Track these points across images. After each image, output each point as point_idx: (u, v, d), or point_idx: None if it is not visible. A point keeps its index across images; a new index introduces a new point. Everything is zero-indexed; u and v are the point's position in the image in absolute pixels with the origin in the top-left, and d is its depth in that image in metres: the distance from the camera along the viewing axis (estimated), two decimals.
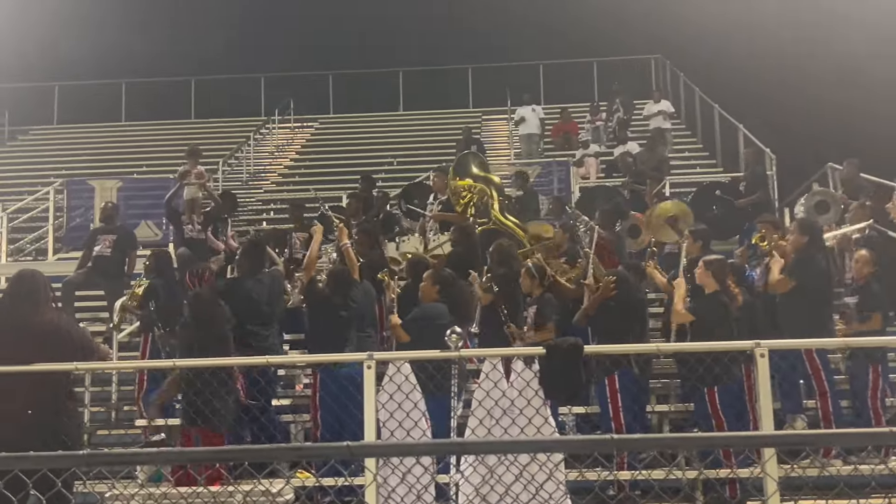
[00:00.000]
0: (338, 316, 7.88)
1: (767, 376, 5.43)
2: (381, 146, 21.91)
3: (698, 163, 19.63)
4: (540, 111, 20.53)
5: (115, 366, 8.54)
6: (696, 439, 3.92)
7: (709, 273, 7.73)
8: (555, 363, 5.84)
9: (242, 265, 8.58)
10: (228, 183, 19.23)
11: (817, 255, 8.04)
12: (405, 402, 5.91)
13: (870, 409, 7.72)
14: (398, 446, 4.04)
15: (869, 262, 8.16)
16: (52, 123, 25.65)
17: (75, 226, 16.47)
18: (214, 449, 3.87)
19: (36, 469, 3.75)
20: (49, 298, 6.20)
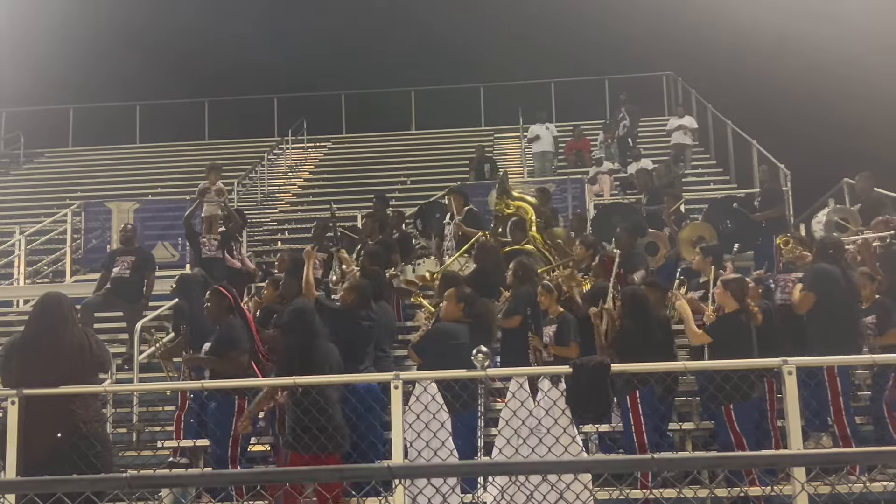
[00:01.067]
0: (360, 327, 7.85)
1: (795, 394, 5.43)
2: (394, 165, 21.99)
3: (712, 179, 19.62)
4: (553, 129, 20.60)
5: (143, 388, 8.58)
6: (738, 458, 3.91)
7: (728, 293, 7.72)
8: (581, 382, 5.86)
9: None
10: (243, 203, 19.31)
11: (828, 265, 8.04)
12: (432, 422, 5.93)
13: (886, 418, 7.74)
14: (437, 468, 4.04)
15: (866, 281, 8.16)
16: (67, 146, 25.82)
17: (92, 247, 16.56)
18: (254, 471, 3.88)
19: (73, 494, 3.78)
20: (74, 320, 6.27)
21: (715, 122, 20.83)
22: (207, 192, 12.33)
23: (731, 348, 7.23)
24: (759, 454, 4.65)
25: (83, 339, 6.11)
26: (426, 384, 6.01)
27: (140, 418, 10.00)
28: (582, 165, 19.86)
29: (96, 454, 5.77)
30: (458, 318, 7.71)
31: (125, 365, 11.34)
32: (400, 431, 5.58)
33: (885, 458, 3.55)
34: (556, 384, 6.02)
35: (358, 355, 7.66)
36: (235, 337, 7.61)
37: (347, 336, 7.75)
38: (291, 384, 5.96)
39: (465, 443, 6.61)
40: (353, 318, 7.89)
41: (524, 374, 6.35)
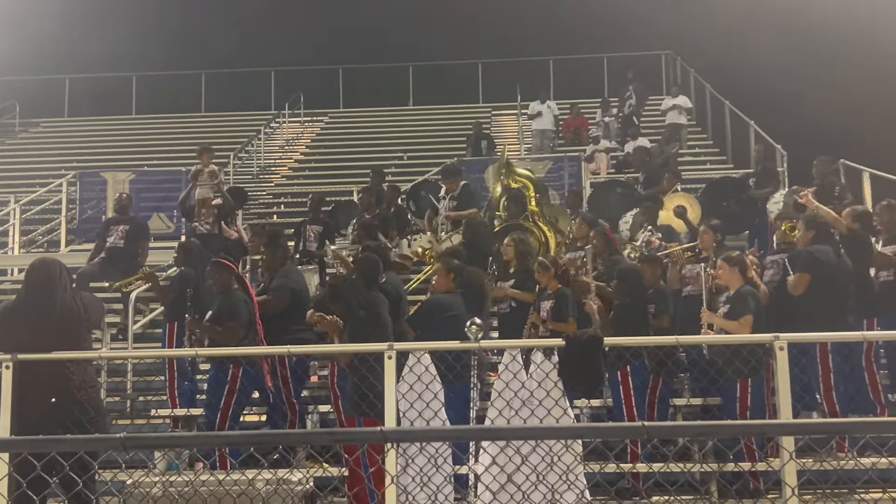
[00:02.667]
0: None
1: (787, 369, 5.47)
2: (391, 141, 21.95)
3: (709, 159, 19.63)
4: (554, 107, 20.56)
5: (139, 354, 8.60)
6: (727, 426, 3.95)
7: (734, 270, 7.72)
8: (574, 355, 5.88)
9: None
10: (239, 177, 19.31)
11: (823, 247, 8.08)
12: (425, 393, 5.96)
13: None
14: (430, 432, 4.08)
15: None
16: (62, 116, 25.72)
17: (87, 217, 16.55)
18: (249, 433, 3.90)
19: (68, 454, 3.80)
20: (65, 284, 6.24)
21: (713, 102, 20.81)
22: (200, 174, 12.39)
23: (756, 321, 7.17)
24: (747, 423, 4.69)
25: (74, 304, 6.11)
26: (419, 355, 6.03)
27: (134, 387, 10.05)
28: (579, 143, 19.84)
29: (90, 420, 5.77)
30: (451, 290, 7.73)
31: (119, 335, 11.38)
32: (393, 401, 5.61)
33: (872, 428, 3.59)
34: (548, 357, 6.04)
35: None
36: (236, 309, 7.72)
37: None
38: (286, 352, 5.97)
39: (458, 414, 6.65)
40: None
41: (517, 346, 6.38)
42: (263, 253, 9.19)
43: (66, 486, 5.18)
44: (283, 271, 8.75)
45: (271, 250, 8.94)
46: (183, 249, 9.97)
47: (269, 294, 8.44)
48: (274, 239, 9.14)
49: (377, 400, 5.56)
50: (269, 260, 8.93)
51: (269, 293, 8.46)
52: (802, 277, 8.00)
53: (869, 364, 8.01)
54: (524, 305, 8.81)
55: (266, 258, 9.01)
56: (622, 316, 8.10)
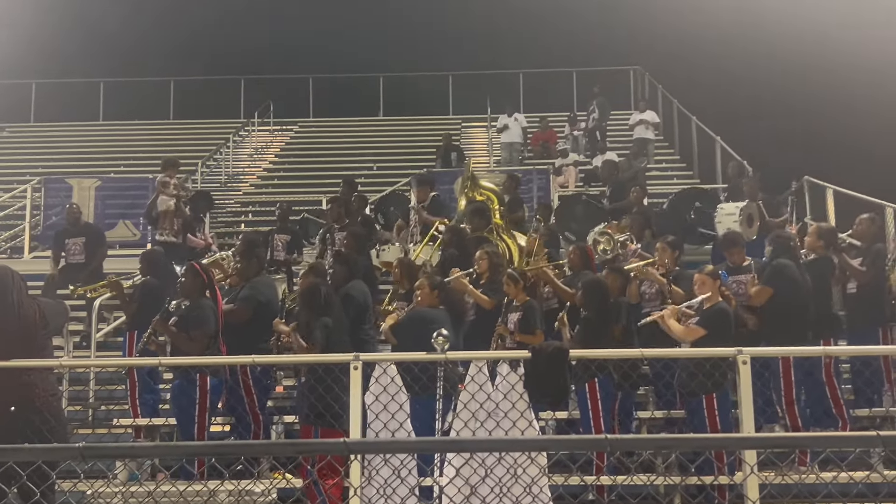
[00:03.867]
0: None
1: (749, 383, 5.53)
2: (361, 151, 21.94)
3: (675, 174, 19.82)
4: (522, 120, 20.68)
5: (101, 363, 8.50)
6: (690, 440, 3.97)
7: (716, 283, 7.78)
8: (539, 367, 5.90)
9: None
10: (207, 185, 19.17)
11: (786, 261, 8.18)
12: (391, 404, 5.94)
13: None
14: (393, 443, 4.06)
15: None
16: (29, 121, 25.44)
17: (52, 224, 16.32)
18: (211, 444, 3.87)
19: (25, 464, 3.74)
20: (19, 289, 6.11)
21: (680, 117, 21.03)
22: (167, 186, 12.34)
23: (724, 339, 7.18)
24: (709, 436, 4.73)
25: (30, 311, 6.00)
26: (385, 366, 6.02)
27: (96, 396, 9.92)
28: (548, 156, 19.96)
29: (50, 429, 5.67)
30: (434, 305, 7.75)
31: (83, 342, 11.25)
32: (358, 411, 5.60)
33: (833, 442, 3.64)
34: (514, 369, 6.06)
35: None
36: (203, 317, 7.63)
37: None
38: (250, 363, 5.93)
39: (424, 426, 6.63)
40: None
41: (483, 357, 6.38)
42: (238, 261, 9.12)
43: (24, 497, 5.10)
44: (254, 282, 8.69)
45: (246, 259, 8.89)
46: (146, 258, 9.86)
47: (236, 304, 8.38)
48: (250, 247, 9.08)
49: (342, 411, 5.55)
50: (243, 268, 8.87)
51: (236, 303, 8.41)
52: (764, 290, 8.09)
53: (829, 379, 8.10)
54: (489, 316, 8.81)
55: (240, 266, 8.96)
56: (587, 328, 8.11)
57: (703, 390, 7.20)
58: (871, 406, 8.36)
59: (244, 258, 8.90)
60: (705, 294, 7.75)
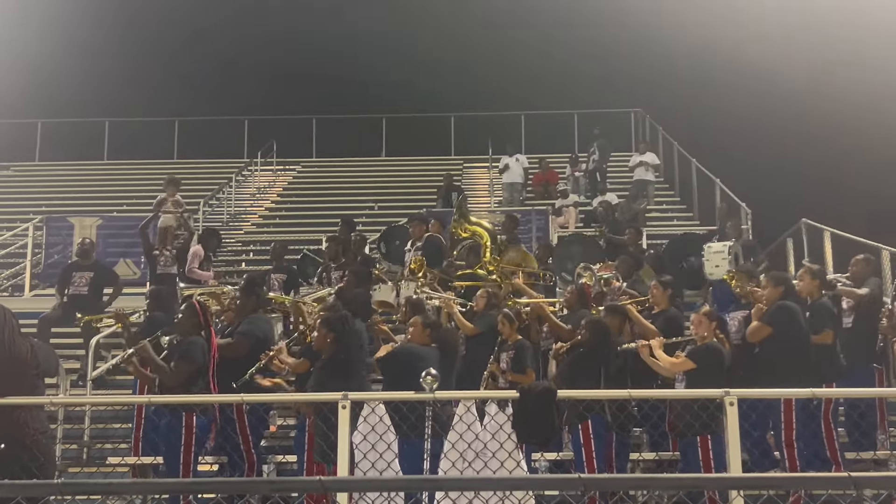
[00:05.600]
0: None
1: (737, 424, 5.54)
2: (363, 191, 22.05)
3: (675, 215, 19.89)
4: (524, 160, 20.83)
5: (92, 401, 8.51)
6: (666, 480, 3.97)
7: (712, 325, 7.79)
8: (527, 407, 5.91)
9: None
10: (209, 223, 19.25)
11: (792, 304, 8.17)
12: (379, 444, 5.96)
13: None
14: (370, 481, 4.07)
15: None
16: (33, 160, 25.64)
17: (53, 262, 16.40)
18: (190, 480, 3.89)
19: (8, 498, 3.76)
20: (12, 328, 6.16)
21: (680, 159, 21.14)
22: (164, 203, 12.37)
23: (712, 378, 7.15)
24: (687, 476, 4.72)
25: (22, 349, 6.04)
26: (374, 405, 6.04)
27: (91, 435, 9.91)
28: (548, 197, 20.06)
29: (39, 466, 5.71)
30: (426, 343, 7.78)
31: (80, 381, 11.25)
32: (346, 450, 5.61)
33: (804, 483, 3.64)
34: (502, 408, 6.08)
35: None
36: (189, 352, 7.63)
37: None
38: (238, 401, 5.95)
39: (412, 466, 6.62)
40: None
41: (472, 397, 6.40)
42: (237, 298, 9.18)
43: None
44: (252, 318, 8.75)
45: (245, 296, 8.96)
46: (153, 295, 9.95)
47: (234, 337, 8.43)
48: (251, 286, 9.15)
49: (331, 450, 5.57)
50: (242, 305, 8.93)
51: (234, 336, 8.46)
52: (763, 329, 8.06)
53: (827, 422, 8.06)
54: (479, 353, 8.82)
55: (239, 303, 9.01)
56: (584, 364, 8.08)
57: (696, 431, 7.19)
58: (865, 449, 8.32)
59: (244, 295, 8.97)
60: (701, 333, 7.78)
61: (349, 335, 7.56)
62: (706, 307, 8.49)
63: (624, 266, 10.94)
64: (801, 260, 14.17)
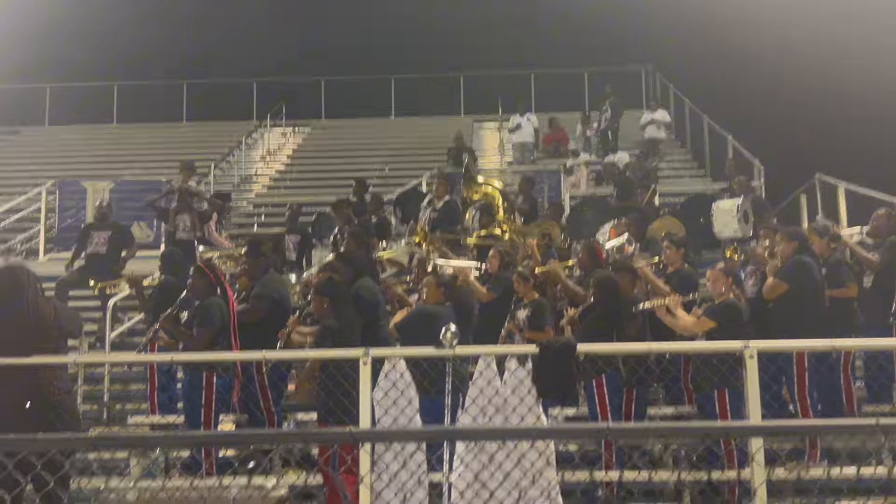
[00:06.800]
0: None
1: (756, 376, 5.56)
2: (373, 152, 22.00)
3: (688, 173, 19.82)
4: (535, 120, 20.72)
5: (114, 359, 8.58)
6: (691, 429, 4.01)
7: (729, 280, 7.78)
8: (547, 362, 5.95)
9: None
10: (220, 186, 19.27)
11: (808, 259, 8.14)
12: (400, 399, 6.00)
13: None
14: (400, 432, 4.11)
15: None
16: (43, 124, 25.64)
17: (67, 226, 16.53)
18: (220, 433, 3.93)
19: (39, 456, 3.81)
20: (34, 288, 6.22)
21: (691, 117, 21.01)
22: (180, 191, 12.50)
23: (732, 335, 7.07)
24: (713, 424, 4.75)
25: (45, 309, 6.09)
26: (395, 361, 6.07)
27: (111, 395, 10.01)
28: (559, 157, 19.99)
29: (64, 425, 5.76)
30: (440, 302, 7.79)
31: (97, 343, 11.35)
32: (368, 406, 5.65)
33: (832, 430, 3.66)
34: (522, 364, 6.10)
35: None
36: (208, 315, 7.67)
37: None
38: (260, 358, 6.00)
39: (433, 421, 6.66)
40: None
41: (492, 353, 6.43)
42: (245, 261, 9.18)
43: (38, 488, 5.18)
44: (264, 280, 8.75)
45: (252, 258, 8.95)
46: (166, 258, 9.97)
47: (249, 303, 8.44)
48: (255, 247, 9.15)
49: (352, 406, 5.61)
50: (251, 268, 8.93)
51: (248, 301, 8.47)
52: (779, 285, 8.02)
53: (846, 374, 8.08)
54: (495, 311, 8.85)
55: (248, 266, 9.01)
56: (597, 323, 8.11)
57: (715, 386, 7.22)
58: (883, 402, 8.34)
59: (250, 257, 8.97)
60: (718, 290, 7.76)
61: (344, 298, 7.54)
62: (721, 263, 8.46)
63: (634, 227, 10.88)
64: (815, 216, 14.15)
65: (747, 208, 12.27)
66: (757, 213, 12.45)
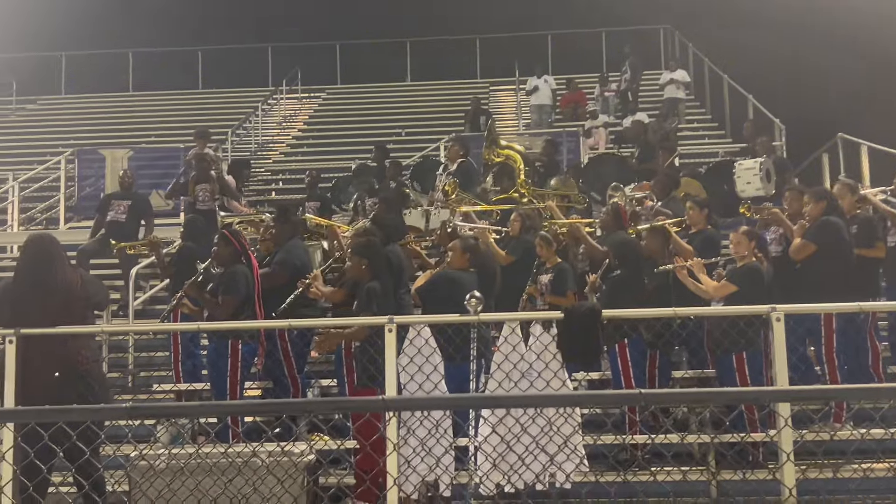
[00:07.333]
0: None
1: (783, 339, 5.54)
2: (389, 117, 21.92)
3: (707, 133, 19.64)
4: (552, 82, 20.55)
5: (140, 328, 8.65)
6: (724, 394, 4.00)
7: (752, 244, 7.73)
8: (572, 327, 5.94)
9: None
10: (237, 153, 19.28)
11: (837, 219, 8.05)
12: (425, 366, 6.01)
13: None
14: (431, 400, 4.13)
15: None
16: (59, 93, 25.66)
17: (86, 195, 16.59)
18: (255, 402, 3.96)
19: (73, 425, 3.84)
20: (61, 260, 6.28)
21: (711, 76, 20.78)
22: (197, 158, 12.53)
23: (754, 299, 7.03)
24: (743, 389, 4.74)
25: (73, 279, 6.14)
26: (420, 328, 6.08)
27: (135, 363, 10.11)
28: (577, 119, 19.84)
29: (94, 394, 5.82)
30: (464, 268, 7.79)
31: (120, 311, 11.42)
32: (393, 372, 5.67)
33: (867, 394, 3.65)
34: (547, 329, 6.10)
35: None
36: (234, 282, 7.71)
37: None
38: (286, 326, 6.02)
39: (458, 388, 6.68)
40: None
41: (516, 318, 6.43)
42: (273, 226, 9.20)
43: (71, 458, 5.25)
44: (288, 246, 8.78)
45: (280, 224, 8.98)
46: (189, 224, 10.01)
47: (272, 268, 8.48)
48: (284, 213, 9.17)
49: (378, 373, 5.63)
50: (277, 234, 8.95)
51: (272, 266, 8.51)
52: (807, 246, 7.93)
53: (872, 337, 8.03)
54: (516, 278, 8.83)
55: (275, 231, 9.03)
56: (618, 287, 8.09)
57: (735, 349, 7.20)
58: None
59: (279, 223, 8.99)
60: (741, 253, 7.71)
61: (383, 260, 7.55)
62: (745, 226, 8.39)
63: (660, 185, 10.82)
64: (838, 175, 14.00)
65: (769, 167, 12.17)
66: (779, 173, 12.35)
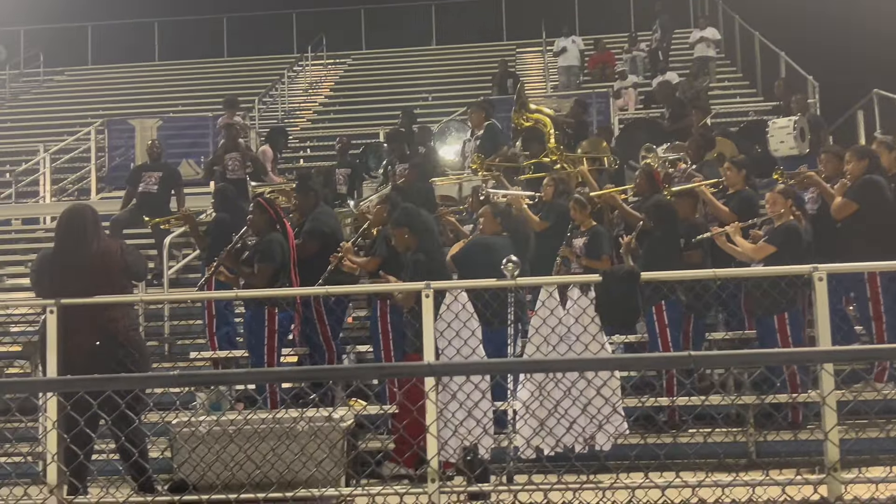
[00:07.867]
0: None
1: (826, 300, 5.46)
2: (416, 82, 21.80)
3: (738, 92, 19.36)
4: (580, 42, 20.31)
5: (177, 297, 8.71)
6: (773, 355, 3.96)
7: (788, 202, 7.64)
8: (611, 290, 5.89)
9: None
10: (264, 121, 19.28)
11: (879, 178, 7.90)
12: (463, 331, 5.99)
13: None
14: (477, 364, 4.12)
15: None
16: (86, 64, 25.74)
17: (117, 165, 16.70)
18: (301, 368, 3.97)
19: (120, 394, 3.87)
20: (99, 229, 6.33)
21: (742, 34, 20.44)
22: (227, 127, 12.57)
23: (793, 259, 7.02)
24: (793, 350, 4.69)
25: (112, 248, 6.19)
26: (456, 293, 6.06)
27: (172, 331, 10.20)
28: (605, 80, 19.63)
29: (134, 361, 5.88)
30: (497, 233, 7.75)
31: (154, 280, 11.51)
32: (431, 338, 5.67)
33: None
34: (585, 293, 6.05)
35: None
36: (269, 250, 7.75)
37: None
38: (323, 293, 6.02)
39: (496, 353, 6.67)
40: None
41: (554, 282, 6.39)
42: (295, 196, 9.20)
43: (117, 427, 5.30)
44: (315, 214, 8.77)
45: (303, 193, 8.97)
46: (219, 194, 10.03)
47: (302, 237, 8.48)
48: (304, 181, 9.17)
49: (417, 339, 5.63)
50: (301, 203, 8.95)
51: (301, 237, 8.51)
52: (849, 205, 7.76)
53: None
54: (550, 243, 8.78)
55: (298, 201, 9.03)
56: (655, 250, 8.04)
57: (776, 310, 7.13)
58: None
59: (300, 193, 9.00)
60: (777, 212, 7.61)
61: (425, 226, 7.50)
62: (781, 185, 8.27)
63: (694, 146, 10.67)
64: (873, 133, 13.77)
65: (803, 125, 12.00)
66: (813, 131, 12.17)
